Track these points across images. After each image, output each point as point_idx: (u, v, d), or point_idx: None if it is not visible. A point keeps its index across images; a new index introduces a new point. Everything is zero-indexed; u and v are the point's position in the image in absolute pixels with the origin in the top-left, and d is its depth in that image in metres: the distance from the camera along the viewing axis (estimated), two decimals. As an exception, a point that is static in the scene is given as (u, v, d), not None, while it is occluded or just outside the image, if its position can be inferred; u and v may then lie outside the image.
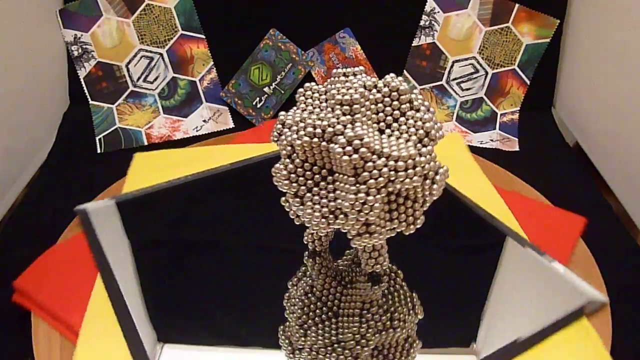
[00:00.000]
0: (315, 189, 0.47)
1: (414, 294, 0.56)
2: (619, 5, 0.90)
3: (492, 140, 1.00)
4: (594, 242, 0.65)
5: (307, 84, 0.51)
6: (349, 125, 0.45)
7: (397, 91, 0.48)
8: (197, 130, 1.00)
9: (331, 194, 0.47)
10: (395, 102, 0.48)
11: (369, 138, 0.44)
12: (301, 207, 0.48)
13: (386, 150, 0.44)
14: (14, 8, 0.89)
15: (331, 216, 0.47)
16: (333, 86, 0.49)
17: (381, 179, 0.44)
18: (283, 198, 0.51)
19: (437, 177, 0.47)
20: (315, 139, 0.45)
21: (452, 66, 1.06)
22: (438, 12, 1.04)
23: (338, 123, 0.45)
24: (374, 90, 0.48)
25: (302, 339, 0.50)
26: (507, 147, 0.97)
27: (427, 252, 0.63)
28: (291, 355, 0.49)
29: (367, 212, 0.45)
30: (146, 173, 0.74)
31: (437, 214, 0.69)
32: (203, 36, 1.04)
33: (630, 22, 0.86)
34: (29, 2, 0.94)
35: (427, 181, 0.47)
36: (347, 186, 0.45)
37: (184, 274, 0.59)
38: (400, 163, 0.44)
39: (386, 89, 0.48)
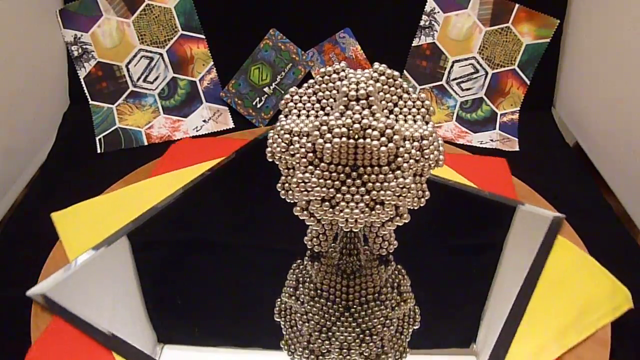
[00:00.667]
0: (344, 188, 0.48)
1: (398, 265, 0.59)
2: (619, 5, 0.89)
3: (492, 140, 1.00)
4: (594, 242, 0.65)
5: (291, 90, 0.51)
6: (370, 118, 0.46)
7: (392, 78, 0.50)
8: (197, 130, 1.00)
9: (361, 188, 0.47)
10: (392, 88, 0.50)
11: (398, 126, 0.46)
12: (331, 209, 0.48)
13: (407, 133, 0.46)
14: (14, 8, 0.89)
15: (367, 209, 0.48)
16: (327, 84, 0.49)
17: (412, 161, 0.46)
18: (297, 208, 0.50)
19: (441, 148, 0.50)
20: (344, 138, 0.46)
21: (452, 66, 1.06)
22: (438, 12, 1.04)
23: (362, 118, 0.46)
24: (371, 81, 0.49)
25: (327, 342, 0.50)
26: (507, 147, 0.98)
27: (426, 253, 0.63)
28: None
29: (405, 195, 0.46)
30: (80, 230, 0.65)
31: (436, 213, 0.70)
32: (203, 36, 1.04)
33: (630, 22, 0.86)
34: (29, 2, 0.94)
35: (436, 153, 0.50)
36: (381, 176, 0.46)
37: (184, 275, 0.60)
38: (425, 142, 0.46)
39: (383, 78, 0.50)
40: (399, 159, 0.46)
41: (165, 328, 0.52)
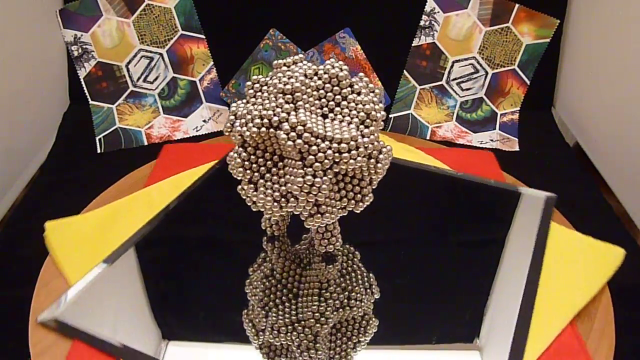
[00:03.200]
0: (268, 175, 0.49)
1: (370, 274, 0.58)
2: (619, 6, 0.90)
3: (492, 140, 1.00)
4: (594, 242, 0.65)
5: (254, 77, 0.52)
6: (293, 113, 0.47)
7: (336, 77, 0.49)
8: (197, 130, 1.00)
9: (282, 179, 0.49)
10: (336, 88, 0.49)
11: (311, 123, 0.46)
12: (255, 192, 0.50)
13: (329, 134, 0.46)
14: (14, 8, 0.89)
15: (283, 200, 0.49)
16: (275, 76, 0.50)
17: (326, 161, 0.46)
18: (239, 186, 0.51)
19: (381, 156, 0.49)
20: (264, 129, 0.47)
21: (452, 66, 1.06)
22: (438, 12, 1.04)
23: (282, 111, 0.47)
24: (315, 78, 0.49)
25: (264, 320, 0.52)
26: (507, 147, 0.98)
27: (428, 249, 0.63)
28: (255, 337, 0.51)
29: (315, 193, 0.47)
30: (74, 244, 0.61)
31: (437, 209, 0.70)
32: (203, 36, 1.04)
33: (631, 22, 0.86)
34: (29, 2, 0.94)
35: (372, 160, 0.49)
36: (294, 170, 0.47)
37: (188, 271, 0.60)
38: (343, 145, 0.46)
39: (326, 76, 0.49)
40: (310, 157, 0.46)
41: (170, 325, 0.52)
